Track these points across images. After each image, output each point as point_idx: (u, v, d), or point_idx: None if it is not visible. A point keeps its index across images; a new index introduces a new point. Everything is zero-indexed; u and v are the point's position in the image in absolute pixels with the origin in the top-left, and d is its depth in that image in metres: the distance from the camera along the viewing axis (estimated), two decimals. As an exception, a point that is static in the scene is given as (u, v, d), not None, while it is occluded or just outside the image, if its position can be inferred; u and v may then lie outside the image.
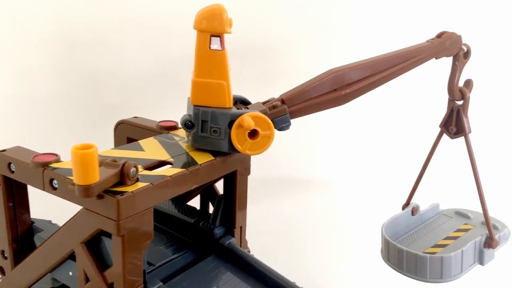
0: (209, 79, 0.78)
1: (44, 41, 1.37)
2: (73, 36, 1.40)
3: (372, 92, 0.92)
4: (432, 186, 1.24)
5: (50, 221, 0.88)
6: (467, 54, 0.93)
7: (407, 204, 1.08)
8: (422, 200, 1.09)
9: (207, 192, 0.97)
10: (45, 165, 0.72)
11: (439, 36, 0.91)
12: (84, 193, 0.62)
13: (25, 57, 1.38)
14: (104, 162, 0.67)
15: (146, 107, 1.47)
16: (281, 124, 0.84)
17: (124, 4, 1.49)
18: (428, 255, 0.92)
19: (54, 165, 0.73)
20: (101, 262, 0.71)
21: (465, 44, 0.92)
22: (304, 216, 1.44)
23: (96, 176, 0.62)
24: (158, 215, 0.95)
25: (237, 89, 0.90)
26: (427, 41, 0.91)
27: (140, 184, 0.68)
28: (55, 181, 0.71)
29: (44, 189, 0.73)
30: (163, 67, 1.50)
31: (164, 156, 0.79)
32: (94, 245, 0.71)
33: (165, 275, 0.81)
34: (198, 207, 0.98)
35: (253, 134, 0.79)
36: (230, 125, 0.78)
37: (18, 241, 0.83)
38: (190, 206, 0.96)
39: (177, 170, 0.74)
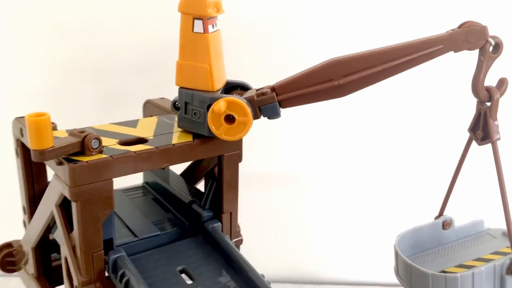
0: (192, 62, 0.79)
1: (60, 34, 1.31)
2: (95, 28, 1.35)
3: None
4: (478, 200, 1.09)
5: None
6: (497, 49, 0.80)
7: (439, 215, 0.98)
8: (466, 215, 0.97)
9: (210, 175, 0.98)
10: (39, 132, 0.80)
11: (461, 26, 0.80)
12: (37, 157, 0.68)
13: (47, 51, 1.35)
14: (71, 132, 0.73)
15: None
16: (269, 112, 0.81)
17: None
18: (430, 272, 0.82)
19: (45, 132, 0.80)
20: (72, 226, 0.77)
21: (494, 37, 0.79)
22: (319, 219, 1.38)
23: (49, 142, 0.68)
24: (165, 192, 0.99)
25: (260, 76, 0.88)
26: (447, 31, 0.80)
27: (101, 156, 0.72)
28: (42, 147, 0.78)
29: (36, 154, 0.81)
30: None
31: (148, 134, 0.82)
32: (69, 208, 0.77)
33: (144, 248, 0.84)
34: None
35: (230, 119, 0.78)
36: (208, 108, 0.79)
37: (35, 199, 0.93)
38: (195, 188, 0.98)
39: (146, 147, 0.77)
